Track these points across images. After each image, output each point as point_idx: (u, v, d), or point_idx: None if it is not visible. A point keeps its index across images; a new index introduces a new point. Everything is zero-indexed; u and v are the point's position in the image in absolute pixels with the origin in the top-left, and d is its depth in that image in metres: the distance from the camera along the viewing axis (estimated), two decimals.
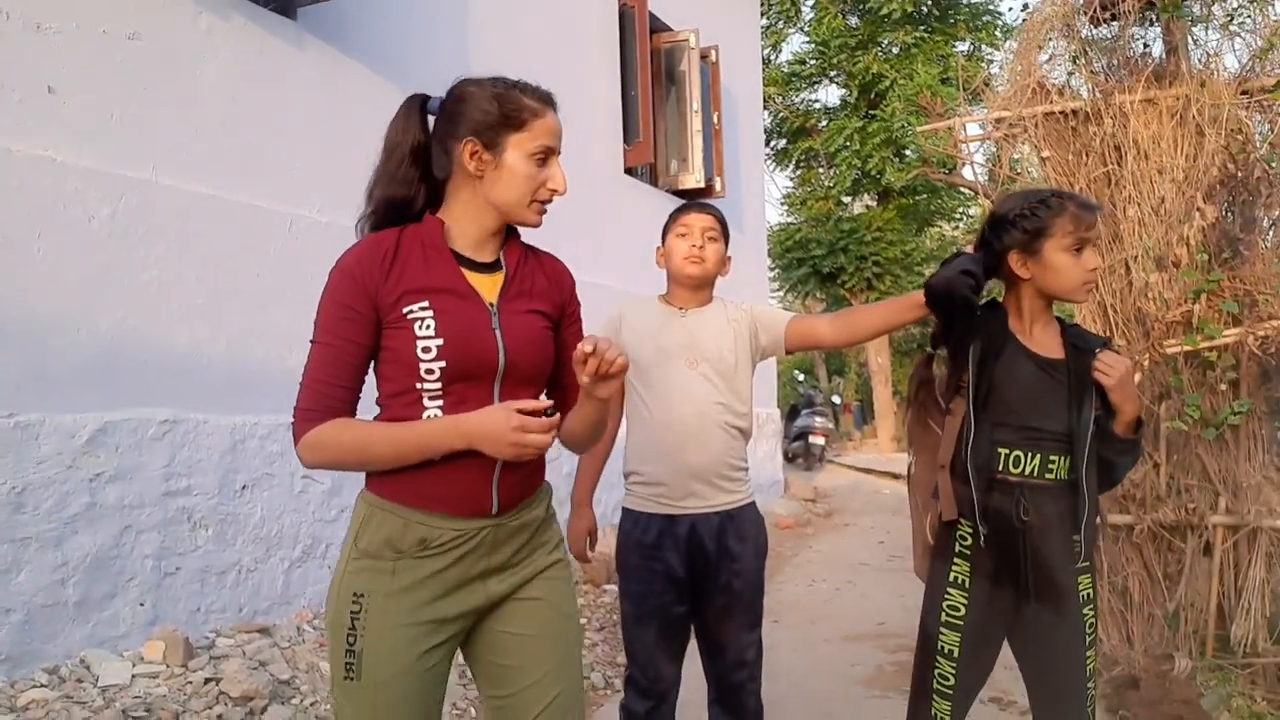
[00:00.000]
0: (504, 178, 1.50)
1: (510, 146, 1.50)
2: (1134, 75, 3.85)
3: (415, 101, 1.57)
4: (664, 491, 2.25)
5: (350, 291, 1.45)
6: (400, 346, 1.45)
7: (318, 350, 1.46)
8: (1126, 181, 3.76)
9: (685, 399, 2.24)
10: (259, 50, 3.79)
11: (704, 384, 2.25)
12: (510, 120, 1.50)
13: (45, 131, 3.03)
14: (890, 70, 14.08)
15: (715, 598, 2.25)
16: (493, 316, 1.51)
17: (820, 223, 15.24)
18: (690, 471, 2.22)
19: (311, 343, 1.47)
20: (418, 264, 1.49)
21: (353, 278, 1.46)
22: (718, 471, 2.25)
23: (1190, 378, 3.63)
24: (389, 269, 1.46)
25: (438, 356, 1.44)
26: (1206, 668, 3.44)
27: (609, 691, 3.58)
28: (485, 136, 1.49)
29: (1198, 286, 3.55)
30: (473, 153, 1.50)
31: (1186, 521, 3.55)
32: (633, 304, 2.40)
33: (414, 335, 1.44)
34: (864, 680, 3.78)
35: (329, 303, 1.47)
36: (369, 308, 1.45)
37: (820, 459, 12.25)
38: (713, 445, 2.24)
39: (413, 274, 1.47)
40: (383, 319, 1.46)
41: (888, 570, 6.03)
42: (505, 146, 1.50)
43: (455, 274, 1.50)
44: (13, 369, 2.89)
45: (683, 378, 2.25)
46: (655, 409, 2.26)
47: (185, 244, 3.42)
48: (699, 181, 7.17)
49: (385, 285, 1.45)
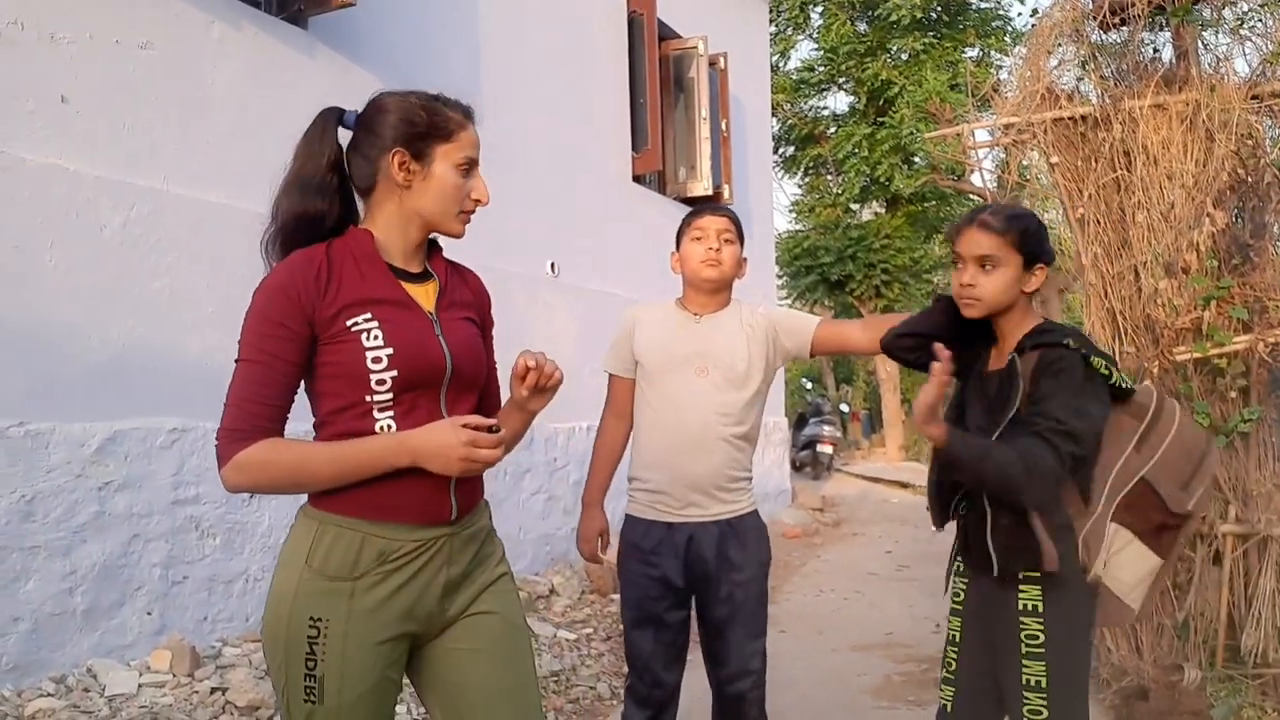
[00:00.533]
0: (432, 188, 1.51)
1: (438, 157, 1.51)
2: (1143, 80, 3.84)
3: (332, 114, 1.59)
4: (664, 499, 2.25)
5: (283, 308, 1.43)
6: (346, 360, 1.44)
7: (244, 369, 1.43)
8: (1136, 187, 3.74)
9: (692, 407, 2.23)
10: (270, 59, 3.81)
11: (712, 393, 2.24)
12: (438, 131, 1.51)
13: (58, 141, 3.05)
14: (899, 77, 14.05)
15: (717, 607, 2.25)
16: (434, 324, 1.51)
17: (828, 230, 15.21)
18: (690, 481, 2.23)
19: (237, 362, 1.44)
20: (353, 277, 1.47)
21: (286, 295, 1.43)
22: (717, 483, 2.24)
23: (1200, 385, 3.61)
24: (325, 284, 1.45)
25: (389, 366, 1.44)
26: (1216, 678, 3.41)
27: (614, 702, 3.57)
28: (414, 147, 1.50)
29: (1207, 293, 3.53)
30: (401, 163, 1.49)
31: (1196, 531, 3.53)
32: (647, 309, 2.40)
33: (362, 347, 1.43)
34: (871, 690, 3.76)
35: (257, 321, 1.44)
36: (303, 324, 1.43)
37: (828, 468, 12.20)
38: (715, 456, 2.23)
39: (350, 287, 1.46)
40: (319, 335, 1.44)
41: (896, 580, 6.00)
42: (434, 157, 1.50)
43: (393, 284, 1.51)
44: (23, 377, 2.91)
45: (690, 386, 2.24)
46: (661, 416, 2.26)
47: (196, 253, 3.44)
48: (707, 189, 7.18)
49: (322, 301, 1.44)
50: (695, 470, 2.22)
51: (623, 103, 6.55)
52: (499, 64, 5.21)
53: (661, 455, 2.25)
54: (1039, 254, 1.91)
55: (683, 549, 2.23)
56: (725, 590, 2.24)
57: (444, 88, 1.59)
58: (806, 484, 10.92)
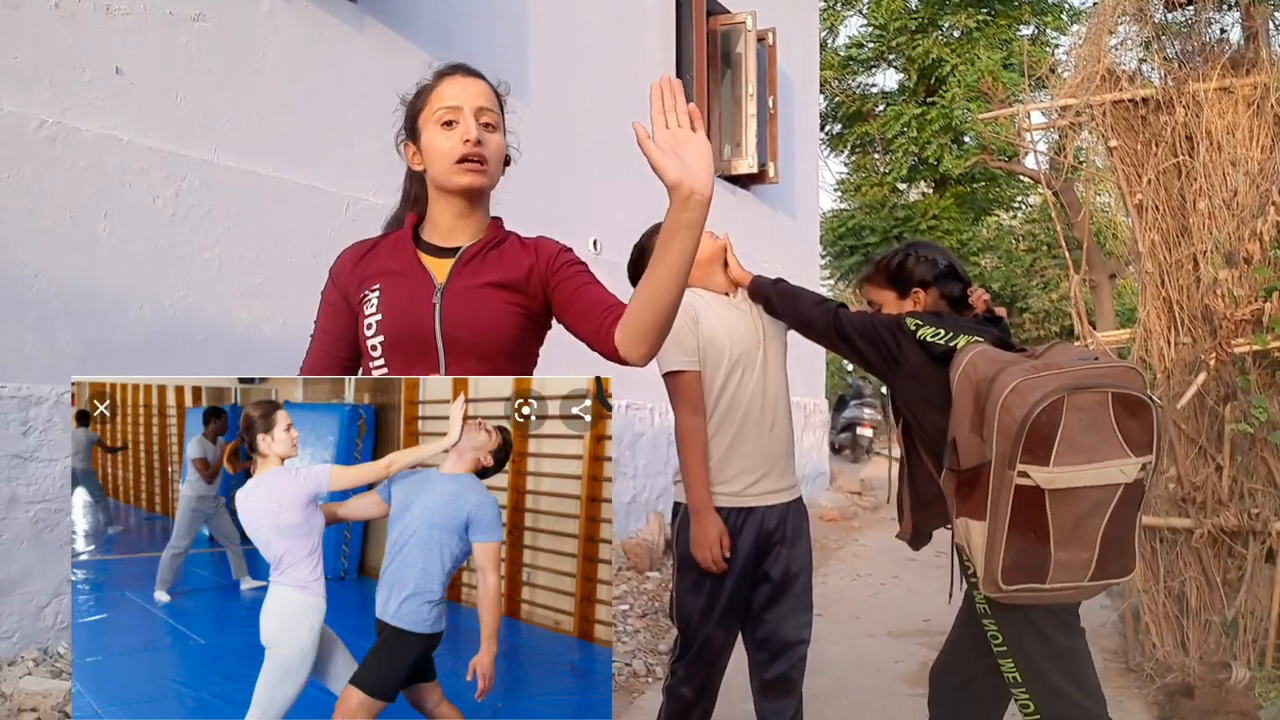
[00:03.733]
0: (428, 155, 1.54)
1: (423, 128, 1.55)
2: (1209, 63, 3.71)
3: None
4: (755, 484, 2.27)
5: (331, 287, 1.59)
6: (360, 331, 1.53)
7: (310, 345, 1.60)
8: (1198, 173, 3.63)
9: (772, 389, 2.30)
10: (320, 33, 3.83)
11: (780, 370, 2.34)
12: (415, 107, 1.56)
13: (112, 112, 3.10)
14: (951, 55, 13.76)
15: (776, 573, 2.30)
16: (435, 291, 1.50)
17: (875, 210, 15.00)
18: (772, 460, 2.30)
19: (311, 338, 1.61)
20: (386, 254, 1.57)
21: (332, 275, 1.59)
22: (789, 456, 2.36)
23: (1258, 379, 3.51)
24: (358, 262, 1.57)
25: (377, 331, 1.50)
26: (1266, 678, 3.34)
27: (650, 679, 3.59)
28: (410, 133, 1.58)
29: (1269, 284, 3.42)
30: (412, 153, 1.59)
31: (1249, 527, 3.44)
32: (689, 299, 2.26)
33: (363, 315, 1.52)
34: (907, 678, 3.74)
35: (321, 302, 1.61)
36: (340, 299, 1.57)
37: (868, 451, 12.12)
38: (785, 430, 2.34)
39: (377, 264, 1.56)
40: (356, 311, 1.55)
41: (934, 566, 5.93)
42: (420, 130, 1.55)
43: (411, 258, 1.55)
44: (76, 344, 2.97)
45: (763, 368, 2.29)
46: (750, 405, 2.26)
47: (245, 224, 3.48)
48: (752, 166, 7.11)
49: (352, 278, 1.56)
50: (774, 449, 2.27)
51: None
52: (546, 38, 5.18)
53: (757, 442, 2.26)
54: (908, 282, 2.21)
55: (754, 529, 2.25)
56: (784, 562, 2.27)
57: (490, 62, 1.60)
58: (845, 466, 10.85)
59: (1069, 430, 1.68)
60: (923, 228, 14.30)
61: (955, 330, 2.00)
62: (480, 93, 1.53)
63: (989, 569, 1.79)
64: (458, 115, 1.50)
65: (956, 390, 1.88)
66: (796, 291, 2.24)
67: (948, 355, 1.96)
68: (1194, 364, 3.56)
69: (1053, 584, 1.76)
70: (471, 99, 1.51)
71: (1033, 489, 1.70)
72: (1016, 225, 17.31)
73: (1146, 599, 3.58)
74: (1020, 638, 1.93)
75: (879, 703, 3.44)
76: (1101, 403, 1.70)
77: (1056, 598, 1.83)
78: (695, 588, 2.24)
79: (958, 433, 1.86)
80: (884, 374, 2.11)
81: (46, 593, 2.88)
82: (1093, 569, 1.75)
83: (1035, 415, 1.68)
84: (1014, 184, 15.00)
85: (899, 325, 2.05)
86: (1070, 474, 1.69)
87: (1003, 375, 1.77)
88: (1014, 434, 1.70)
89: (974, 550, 1.84)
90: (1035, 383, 1.72)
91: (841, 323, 2.12)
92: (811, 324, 2.19)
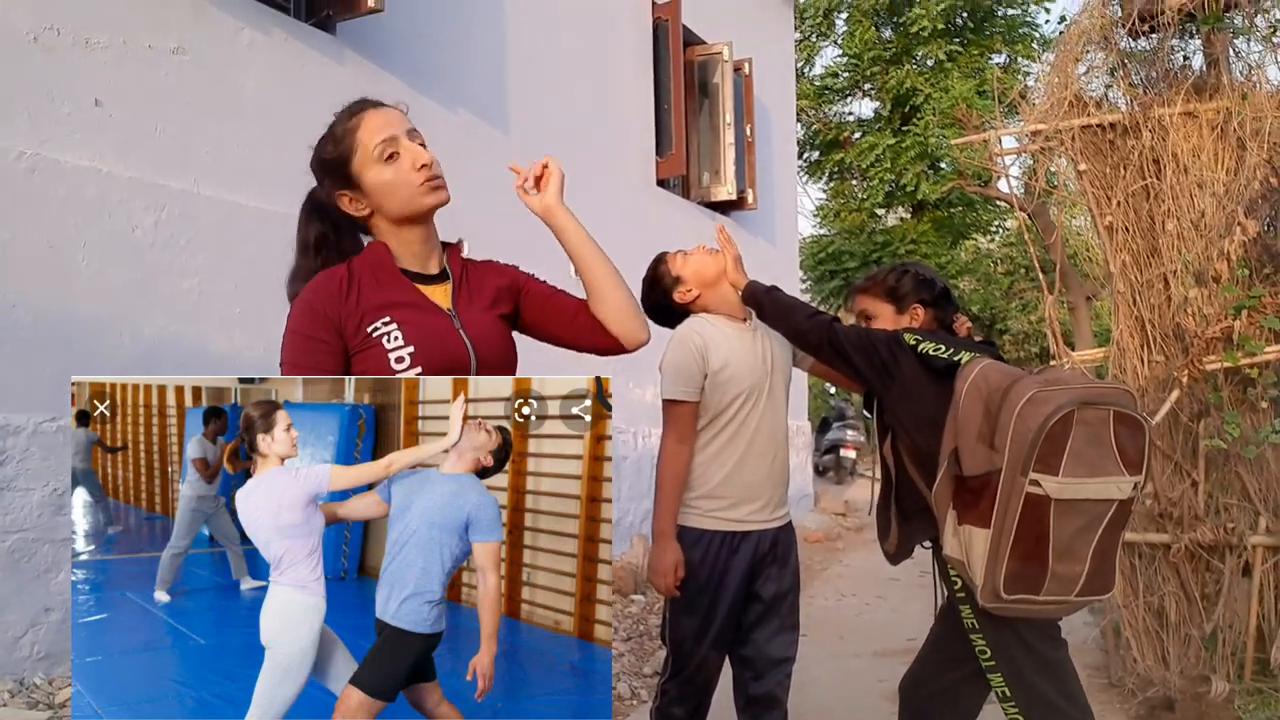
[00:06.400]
0: (383, 192, 1.51)
1: (360, 170, 1.50)
2: (1173, 88, 3.80)
3: (307, 202, 1.62)
4: (754, 509, 2.28)
5: (314, 323, 1.46)
6: (373, 366, 1.46)
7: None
8: (1165, 195, 3.71)
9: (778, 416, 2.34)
10: (300, 64, 3.86)
11: (782, 399, 2.37)
12: (342, 153, 1.51)
13: (92, 143, 3.11)
14: (924, 84, 13.98)
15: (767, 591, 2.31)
16: (453, 319, 1.53)
17: (853, 235, 15.16)
18: (774, 486, 2.33)
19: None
20: (372, 286, 1.50)
21: (313, 310, 1.46)
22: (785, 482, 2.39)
23: (1230, 395, 3.57)
24: (346, 295, 1.48)
25: (410, 365, 1.45)
26: (1245, 691, 3.36)
27: (634, 702, 3.57)
28: (343, 181, 1.52)
29: (1238, 302, 3.49)
30: (350, 201, 1.53)
31: (1225, 541, 3.48)
32: (700, 327, 2.29)
33: (385, 350, 1.45)
34: (891, 697, 3.71)
35: (293, 338, 1.47)
36: (335, 336, 1.46)
37: (851, 472, 12.14)
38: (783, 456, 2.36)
39: (369, 295, 1.49)
40: (349, 346, 1.47)
41: (919, 586, 5.96)
42: (359, 176, 1.51)
43: (409, 288, 1.53)
44: (56, 373, 2.96)
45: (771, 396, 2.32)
46: (757, 434, 2.28)
47: (225, 253, 3.49)
48: (731, 193, 7.18)
49: (345, 311, 1.47)
50: (774, 478, 2.30)
51: (647, 108, 6.56)
52: (525, 69, 5.24)
53: (758, 470, 2.27)
54: (907, 299, 2.24)
55: (749, 552, 2.26)
56: (775, 581, 2.29)
57: (469, 93, 1.63)
58: (829, 488, 10.86)
59: (1076, 443, 1.72)
60: (901, 252, 14.44)
61: (957, 347, 2.02)
62: (399, 117, 1.53)
63: (990, 578, 1.80)
64: (396, 145, 1.50)
65: (965, 401, 1.89)
66: (790, 303, 2.25)
67: (950, 370, 1.98)
68: (1167, 381, 3.61)
69: (1045, 596, 1.78)
70: (397, 125, 1.51)
71: (1041, 498, 1.73)
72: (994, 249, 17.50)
73: (1126, 614, 3.61)
74: (1009, 651, 1.95)
75: None
76: (1104, 420, 1.75)
77: (1044, 611, 1.86)
78: (689, 609, 2.24)
79: (962, 442, 1.88)
80: (877, 387, 2.11)
81: (23, 623, 2.85)
82: (1081, 584, 1.78)
83: (1051, 425, 1.72)
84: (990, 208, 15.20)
85: (896, 340, 2.07)
86: (1075, 486, 1.73)
87: (1018, 385, 1.81)
88: (1029, 442, 1.73)
89: (974, 559, 1.84)
90: (1049, 394, 1.76)
91: (836, 335, 2.13)
92: (804, 335, 2.20)
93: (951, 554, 1.92)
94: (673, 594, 2.21)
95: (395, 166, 1.49)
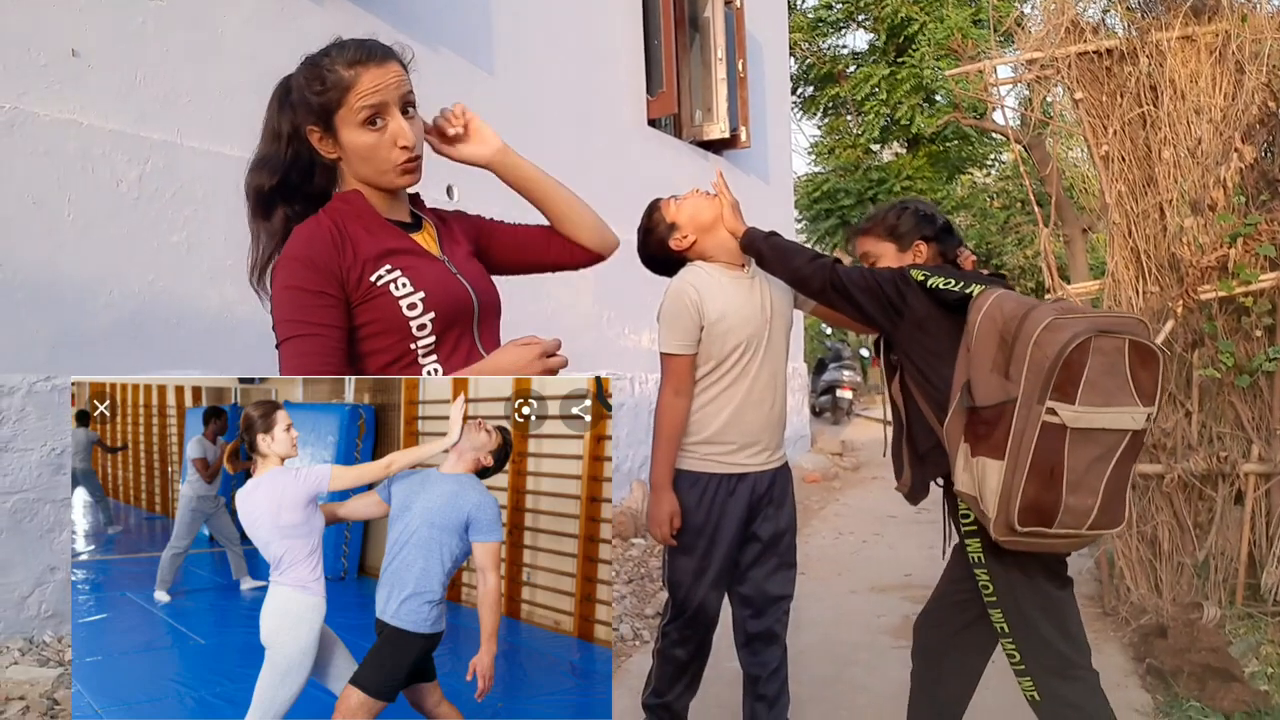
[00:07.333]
0: (353, 156, 1.45)
1: (340, 126, 1.43)
2: (1171, 11, 3.72)
3: (280, 88, 1.53)
4: (755, 451, 2.29)
5: (317, 278, 1.38)
6: (383, 314, 1.41)
7: (297, 346, 1.36)
8: (1162, 122, 3.66)
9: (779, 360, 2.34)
10: (280, 6, 3.77)
11: (782, 343, 2.36)
12: (327, 102, 1.42)
13: (71, 95, 3.05)
14: (919, 13, 13.71)
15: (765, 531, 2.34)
16: (447, 264, 1.52)
17: (849, 172, 14.99)
18: (776, 429, 2.34)
19: (286, 341, 1.37)
20: (362, 235, 1.44)
21: (314, 265, 1.38)
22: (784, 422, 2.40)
23: (1224, 324, 3.57)
24: (341, 247, 1.41)
25: (425, 309, 1.43)
26: (1236, 616, 3.43)
27: (637, 643, 3.64)
28: (322, 121, 1.44)
29: (1234, 230, 3.47)
30: (320, 139, 1.46)
31: (1218, 470, 3.52)
32: (695, 276, 2.27)
33: (394, 297, 1.41)
34: (890, 631, 3.81)
35: (294, 295, 1.38)
36: (339, 289, 1.39)
37: (848, 412, 12.21)
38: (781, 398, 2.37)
39: (364, 245, 1.43)
40: (351, 298, 1.41)
41: (915, 523, 6.03)
42: (337, 127, 1.44)
43: (400, 235, 1.50)
44: (48, 332, 2.95)
45: (771, 341, 2.31)
46: (756, 381, 2.27)
47: (212, 205, 3.45)
48: (724, 131, 7.08)
49: (343, 263, 1.40)
50: (772, 423, 2.31)
51: (637, 45, 6.43)
52: (511, 7, 5.12)
53: (757, 417, 2.28)
54: (909, 236, 2.22)
55: (746, 494, 2.28)
56: (772, 521, 2.32)
57: (451, 33, 1.58)
58: (826, 429, 10.94)
59: (1092, 372, 1.70)
60: (897, 188, 14.31)
61: (967, 280, 2.00)
62: (398, 80, 1.43)
63: (1004, 509, 1.78)
64: (384, 113, 1.42)
65: (979, 331, 1.87)
66: (790, 246, 2.21)
67: (962, 303, 1.96)
68: (1162, 312, 3.61)
69: (1058, 529, 1.77)
70: (391, 89, 1.42)
71: (1057, 427, 1.71)
72: (990, 183, 17.35)
73: (1120, 544, 3.66)
74: (1012, 587, 1.95)
75: (863, 656, 3.50)
76: (1120, 349, 1.72)
77: (1054, 545, 1.85)
78: (688, 552, 2.26)
79: (975, 374, 1.86)
80: (885, 326, 2.09)
81: (29, 582, 2.88)
82: (1093, 517, 1.76)
83: (1069, 352, 1.70)
84: (986, 142, 15.02)
85: (903, 277, 2.04)
86: (1090, 415, 1.71)
87: (1034, 313, 1.78)
88: (1046, 369, 1.71)
89: (987, 492, 1.82)
90: (1066, 322, 1.73)
91: (839, 278, 2.10)
92: (806, 280, 2.16)
93: (963, 489, 1.90)
94: (669, 543, 2.24)
95: (376, 135, 1.43)
